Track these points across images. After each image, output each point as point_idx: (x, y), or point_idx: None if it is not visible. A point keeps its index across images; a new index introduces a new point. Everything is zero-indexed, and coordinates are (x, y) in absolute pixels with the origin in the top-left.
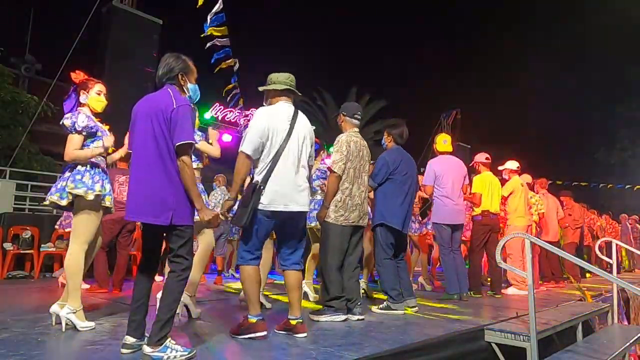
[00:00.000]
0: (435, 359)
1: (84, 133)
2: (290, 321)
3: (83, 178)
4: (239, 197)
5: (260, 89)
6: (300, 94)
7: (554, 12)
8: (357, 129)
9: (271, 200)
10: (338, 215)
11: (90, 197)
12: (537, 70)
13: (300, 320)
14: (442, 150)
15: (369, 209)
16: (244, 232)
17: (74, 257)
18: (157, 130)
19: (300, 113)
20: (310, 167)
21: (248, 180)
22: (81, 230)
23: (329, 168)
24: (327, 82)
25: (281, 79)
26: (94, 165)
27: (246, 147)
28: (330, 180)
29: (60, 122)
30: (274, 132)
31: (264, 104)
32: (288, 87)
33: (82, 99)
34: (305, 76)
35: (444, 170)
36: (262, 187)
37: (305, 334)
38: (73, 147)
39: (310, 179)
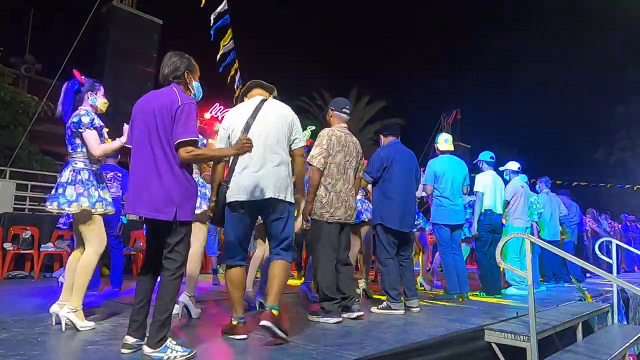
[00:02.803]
0: (435, 359)
1: (99, 130)
2: (265, 310)
3: (66, 192)
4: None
5: (240, 92)
6: (270, 85)
7: (554, 13)
8: (344, 124)
9: (234, 192)
10: (323, 211)
11: (76, 210)
12: (537, 70)
13: (269, 309)
14: (443, 149)
15: (370, 206)
16: (224, 232)
17: (89, 259)
18: (161, 127)
19: (270, 101)
20: (298, 154)
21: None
22: (92, 235)
23: (307, 162)
24: (327, 83)
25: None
26: (76, 170)
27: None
28: (312, 174)
29: (76, 120)
30: (231, 128)
31: None
32: (253, 83)
33: (92, 100)
34: (305, 76)
35: (444, 170)
36: (224, 183)
37: (269, 323)
38: (97, 142)
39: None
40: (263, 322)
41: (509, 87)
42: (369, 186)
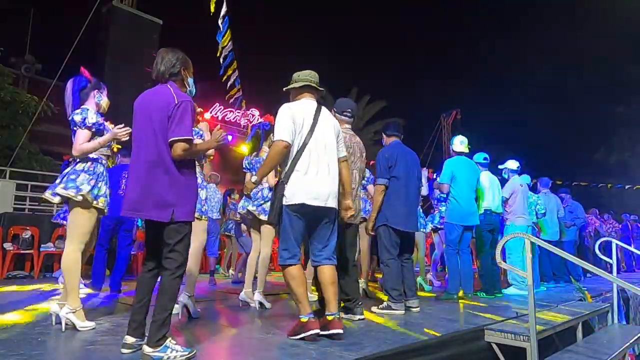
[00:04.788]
0: (435, 359)
1: (93, 130)
2: (327, 317)
3: (77, 178)
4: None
5: (284, 89)
6: (322, 89)
7: (554, 13)
8: (348, 126)
9: (296, 194)
10: None
11: (78, 198)
12: (537, 70)
13: (337, 316)
14: (458, 150)
15: (368, 206)
16: (280, 231)
17: (71, 257)
18: (157, 127)
19: (324, 109)
20: (343, 162)
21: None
22: (76, 229)
23: None
24: (328, 82)
25: (302, 77)
26: (95, 161)
27: (281, 134)
28: None
29: (69, 117)
30: (298, 125)
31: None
32: (307, 83)
33: (98, 98)
34: None
35: (460, 170)
36: (285, 182)
37: (341, 330)
38: (80, 141)
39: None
40: (339, 330)
41: (508, 87)
42: (370, 186)
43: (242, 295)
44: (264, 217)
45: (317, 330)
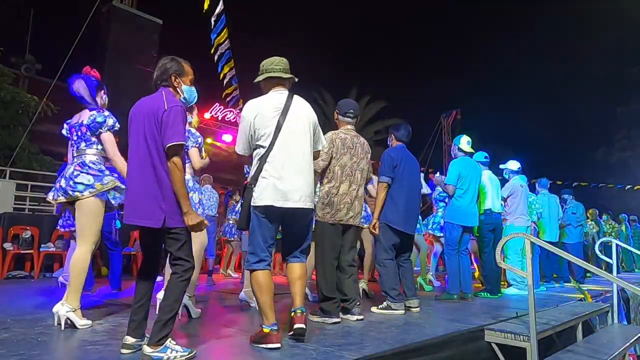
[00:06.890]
0: (435, 359)
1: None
2: (291, 313)
3: (79, 176)
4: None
5: (255, 81)
6: (290, 76)
7: (554, 13)
8: (350, 127)
9: (263, 196)
10: (325, 212)
11: (90, 193)
12: (538, 70)
13: (300, 311)
14: (467, 151)
15: (368, 208)
16: (249, 235)
17: (82, 258)
18: (148, 133)
19: (296, 99)
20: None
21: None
22: (88, 231)
23: None
24: (327, 82)
25: (266, 67)
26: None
27: (237, 147)
28: None
29: (100, 120)
30: (260, 126)
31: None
32: (269, 75)
33: (105, 99)
34: (306, 76)
35: (467, 171)
36: (252, 185)
37: (302, 325)
38: (115, 145)
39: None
40: (300, 325)
41: (509, 87)
42: (370, 187)
43: (242, 295)
44: None
45: (278, 345)
